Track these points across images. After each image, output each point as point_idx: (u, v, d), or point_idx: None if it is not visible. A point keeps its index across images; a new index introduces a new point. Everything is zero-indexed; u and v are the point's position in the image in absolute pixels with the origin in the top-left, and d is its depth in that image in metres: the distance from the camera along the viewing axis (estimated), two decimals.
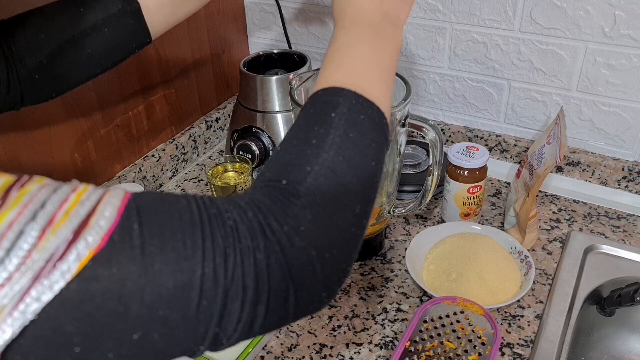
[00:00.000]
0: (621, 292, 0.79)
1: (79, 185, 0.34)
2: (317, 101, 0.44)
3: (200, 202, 0.36)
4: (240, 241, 0.35)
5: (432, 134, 0.76)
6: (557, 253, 0.89)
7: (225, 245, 0.34)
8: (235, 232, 0.35)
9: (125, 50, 0.68)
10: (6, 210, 0.31)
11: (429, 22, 1.05)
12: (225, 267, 0.34)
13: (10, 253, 0.30)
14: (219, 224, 0.35)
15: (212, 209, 0.36)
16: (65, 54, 0.64)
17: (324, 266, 0.38)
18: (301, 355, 0.75)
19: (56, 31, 0.63)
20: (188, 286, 0.33)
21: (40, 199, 0.32)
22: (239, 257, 0.34)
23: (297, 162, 0.40)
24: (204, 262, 0.34)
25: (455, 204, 0.92)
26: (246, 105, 1.03)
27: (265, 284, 0.35)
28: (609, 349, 0.88)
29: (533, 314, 0.79)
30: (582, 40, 0.94)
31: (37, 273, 0.31)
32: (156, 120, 1.07)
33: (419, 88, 1.12)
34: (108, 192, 0.35)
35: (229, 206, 0.37)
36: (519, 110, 1.06)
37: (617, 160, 1.00)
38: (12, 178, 0.33)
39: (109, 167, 0.99)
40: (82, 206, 0.33)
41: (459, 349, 0.69)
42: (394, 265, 0.89)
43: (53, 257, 0.31)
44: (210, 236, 0.34)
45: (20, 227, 0.31)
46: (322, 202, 0.38)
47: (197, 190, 1.08)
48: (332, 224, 0.39)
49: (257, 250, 0.35)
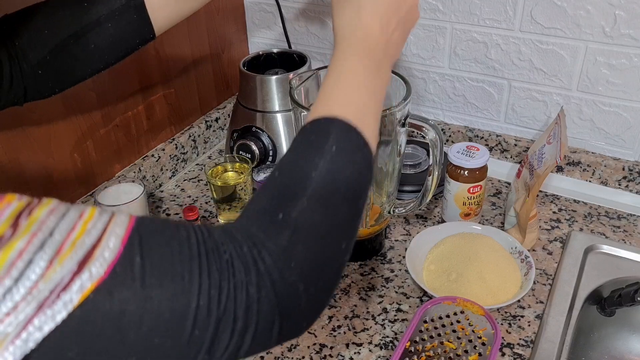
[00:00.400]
0: (622, 292, 0.79)
1: (85, 210, 0.35)
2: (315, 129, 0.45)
3: (199, 234, 0.38)
4: (235, 275, 0.37)
5: (433, 133, 0.76)
6: (558, 253, 0.89)
7: (220, 278, 0.36)
8: (230, 266, 0.37)
9: (129, 46, 0.68)
10: (16, 238, 0.32)
11: (429, 22, 1.05)
12: (219, 300, 0.36)
13: (19, 282, 0.31)
14: (215, 258, 0.37)
15: (209, 242, 0.38)
16: (68, 49, 0.64)
17: (309, 299, 0.40)
18: (301, 355, 0.75)
19: (60, 26, 0.63)
20: (183, 317, 0.35)
21: (49, 226, 0.33)
22: (232, 291, 0.36)
23: (293, 195, 0.41)
24: (199, 294, 0.35)
25: (456, 204, 0.92)
26: (246, 105, 1.03)
27: (254, 315, 0.37)
28: (610, 349, 0.88)
29: (533, 314, 0.79)
30: (582, 39, 0.94)
31: (41, 302, 0.32)
32: (156, 120, 1.07)
33: (419, 88, 1.12)
34: (113, 218, 0.36)
35: (225, 239, 0.38)
36: (519, 110, 1.05)
37: (618, 160, 1.00)
38: (23, 203, 0.34)
39: (109, 167, 0.99)
40: (88, 236, 0.34)
41: (459, 349, 0.68)
42: (394, 266, 0.89)
43: (57, 287, 0.32)
44: (206, 270, 0.36)
45: (30, 257, 0.32)
46: (313, 238, 0.40)
47: (197, 190, 1.08)
48: (320, 260, 0.41)
49: (249, 284, 0.37)
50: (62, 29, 0.63)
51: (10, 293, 0.31)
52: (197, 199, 1.05)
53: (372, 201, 0.84)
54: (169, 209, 1.03)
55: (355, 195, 0.45)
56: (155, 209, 1.03)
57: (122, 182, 0.91)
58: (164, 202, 1.05)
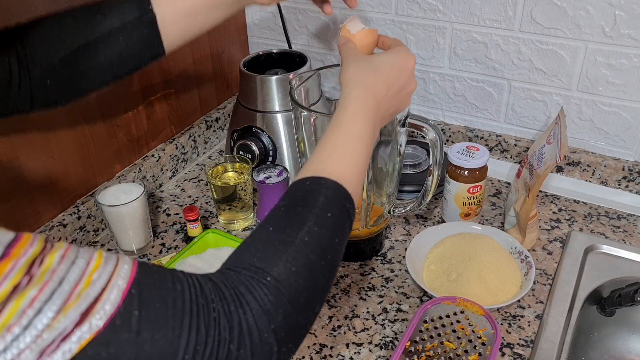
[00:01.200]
0: (621, 292, 0.79)
1: (92, 257, 0.38)
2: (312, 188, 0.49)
3: (192, 289, 0.41)
4: (220, 333, 0.40)
5: (433, 133, 0.76)
6: (558, 253, 0.89)
7: (206, 335, 0.39)
8: (217, 324, 0.40)
9: (138, 60, 0.68)
10: (29, 287, 0.34)
11: (429, 22, 1.05)
12: (203, 354, 0.39)
13: (26, 331, 0.33)
14: (204, 315, 0.40)
15: (201, 298, 0.40)
16: (78, 59, 0.64)
17: (280, 355, 0.43)
18: (301, 355, 0.75)
19: (71, 36, 0.63)
20: None
21: (59, 275, 0.35)
22: (215, 347, 0.39)
23: (282, 254, 0.44)
24: (187, 347, 0.38)
25: (456, 204, 0.92)
26: (246, 105, 1.03)
27: None
28: (609, 349, 0.88)
29: (533, 314, 0.79)
30: (582, 40, 0.94)
31: (42, 350, 0.34)
32: (156, 120, 1.07)
33: (419, 88, 1.12)
34: (117, 269, 0.38)
35: (215, 296, 0.41)
36: (519, 110, 1.06)
37: (618, 160, 1.00)
38: (37, 250, 0.35)
39: (109, 167, 0.99)
40: (92, 287, 0.36)
41: (459, 349, 0.68)
42: (394, 266, 0.89)
43: (59, 337, 0.34)
44: (195, 325, 0.39)
45: (40, 306, 0.34)
46: (294, 303, 0.43)
47: (197, 190, 1.08)
48: (296, 323, 0.44)
49: (231, 342, 0.40)
50: (74, 39, 0.63)
51: (17, 341, 0.33)
52: (197, 199, 1.05)
53: (372, 201, 0.84)
54: (169, 209, 1.03)
55: (336, 259, 0.48)
56: (155, 209, 1.03)
57: (122, 182, 0.91)
58: (164, 202, 1.05)
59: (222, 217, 0.98)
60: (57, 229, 0.89)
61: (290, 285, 0.43)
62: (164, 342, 0.38)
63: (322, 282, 0.47)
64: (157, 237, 0.96)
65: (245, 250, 0.46)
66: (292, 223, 0.46)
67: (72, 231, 0.91)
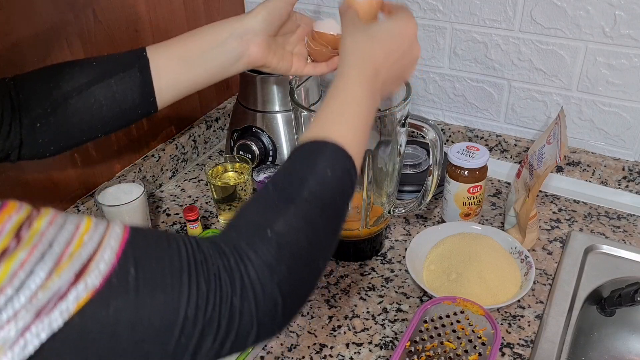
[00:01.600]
0: (621, 292, 0.79)
1: (81, 222, 0.37)
2: (312, 149, 0.49)
3: (188, 247, 0.40)
4: (221, 288, 0.39)
5: (432, 133, 0.76)
6: (558, 253, 0.89)
7: (207, 289, 0.39)
8: (217, 278, 0.39)
9: (129, 107, 0.66)
10: (19, 250, 0.34)
11: (429, 22, 1.05)
12: (205, 310, 0.38)
13: (20, 292, 0.33)
14: (203, 270, 0.39)
15: (198, 254, 0.40)
16: (69, 102, 0.63)
17: (285, 310, 0.43)
18: (301, 355, 0.75)
19: (64, 80, 0.63)
20: (172, 325, 0.38)
21: (48, 238, 0.35)
22: (217, 302, 0.39)
23: (282, 211, 0.44)
24: (188, 304, 0.38)
25: (456, 204, 0.92)
26: (246, 105, 1.03)
27: (235, 324, 0.40)
28: (610, 349, 0.88)
29: (533, 314, 0.79)
30: (582, 40, 0.94)
31: (39, 310, 0.33)
32: (156, 120, 1.07)
33: (419, 88, 1.12)
34: (108, 231, 0.38)
35: (213, 251, 0.41)
36: (519, 110, 1.06)
37: (618, 160, 1.00)
38: (23, 215, 0.35)
39: (109, 167, 0.99)
40: (84, 248, 0.36)
41: (459, 349, 0.68)
42: (394, 266, 0.89)
43: (55, 296, 0.34)
44: (195, 281, 0.39)
45: (31, 267, 0.34)
46: (296, 256, 0.43)
47: (197, 190, 1.08)
48: (299, 277, 0.44)
49: (234, 296, 0.40)
50: (67, 83, 0.63)
51: (11, 301, 0.33)
52: (197, 199, 1.05)
53: (372, 201, 0.84)
54: (169, 209, 1.03)
55: (338, 217, 0.49)
56: (156, 209, 1.03)
57: (122, 182, 0.91)
58: (164, 202, 1.05)
59: (222, 217, 0.98)
60: None
61: (290, 239, 0.43)
62: (164, 300, 0.37)
63: (324, 238, 0.47)
64: None
65: (246, 211, 0.46)
66: (292, 182, 0.46)
67: None
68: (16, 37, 0.78)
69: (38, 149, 0.65)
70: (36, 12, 0.80)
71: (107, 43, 0.92)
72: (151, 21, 1.00)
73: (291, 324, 0.79)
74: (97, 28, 0.90)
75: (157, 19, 1.01)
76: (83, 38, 0.88)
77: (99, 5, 0.89)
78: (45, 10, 0.82)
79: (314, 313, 0.81)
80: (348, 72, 0.55)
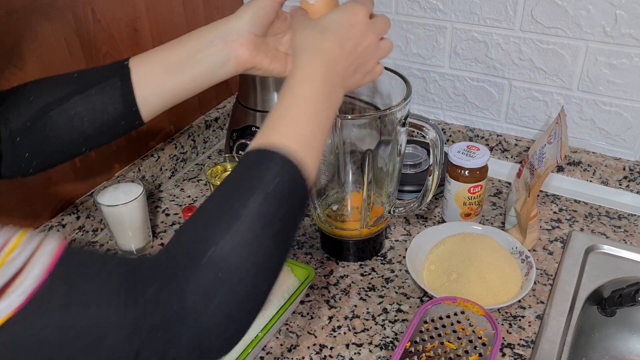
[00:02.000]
0: (622, 293, 0.78)
1: (11, 238, 0.37)
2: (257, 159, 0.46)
3: (124, 270, 0.39)
4: (153, 315, 0.38)
5: (433, 133, 0.75)
6: (558, 253, 0.89)
7: (140, 313, 0.38)
8: (150, 305, 0.38)
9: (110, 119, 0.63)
10: None
11: (429, 21, 1.05)
12: (139, 333, 0.38)
13: None
14: (135, 298, 0.38)
15: (134, 277, 0.39)
16: (49, 114, 0.61)
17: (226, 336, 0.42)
18: (301, 355, 0.74)
19: (45, 92, 0.61)
20: (100, 345, 0.37)
21: None
22: (144, 332, 0.38)
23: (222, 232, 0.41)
24: (118, 325, 0.37)
25: (456, 204, 0.91)
26: (245, 104, 1.03)
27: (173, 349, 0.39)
28: (610, 349, 0.88)
29: (534, 314, 0.79)
30: (583, 39, 0.94)
31: None
32: (155, 119, 1.06)
33: (419, 87, 1.12)
34: (41, 247, 0.37)
35: (149, 276, 0.40)
36: (519, 110, 1.05)
37: (618, 160, 0.99)
38: None
39: (108, 167, 0.99)
40: (10, 264, 0.35)
41: (460, 350, 0.68)
42: (395, 266, 0.88)
43: None
44: (123, 307, 0.38)
45: None
46: (236, 281, 0.41)
47: (197, 190, 1.07)
48: (239, 303, 0.41)
49: (171, 320, 0.38)
50: (48, 95, 0.61)
51: None
52: (196, 199, 1.05)
53: (372, 201, 0.83)
54: (169, 209, 1.03)
55: (287, 233, 0.46)
56: (155, 209, 1.03)
57: (122, 182, 0.91)
58: (163, 202, 1.05)
59: None
60: (56, 229, 0.88)
61: (233, 262, 0.41)
62: (96, 322, 0.37)
63: (270, 258, 0.44)
64: (157, 237, 0.96)
65: (188, 227, 0.44)
66: (236, 197, 0.44)
67: (71, 231, 0.91)
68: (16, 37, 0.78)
69: (19, 164, 0.62)
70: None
71: (106, 42, 0.92)
72: (150, 20, 1.00)
73: (291, 325, 0.79)
74: (96, 27, 0.90)
75: (157, 18, 1.01)
76: (82, 37, 0.88)
77: (98, 4, 0.89)
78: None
79: (314, 313, 0.80)
80: (296, 72, 0.52)
